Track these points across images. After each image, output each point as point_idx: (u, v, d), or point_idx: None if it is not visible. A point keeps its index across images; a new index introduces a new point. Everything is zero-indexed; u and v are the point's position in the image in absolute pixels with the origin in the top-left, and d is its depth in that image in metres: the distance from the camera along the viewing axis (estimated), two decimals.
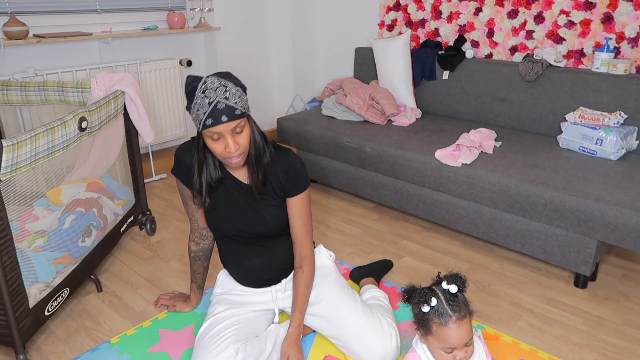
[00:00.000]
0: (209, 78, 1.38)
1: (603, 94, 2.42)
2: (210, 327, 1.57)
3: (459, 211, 2.35)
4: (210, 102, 1.35)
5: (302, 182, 1.57)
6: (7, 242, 1.46)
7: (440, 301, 1.22)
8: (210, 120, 1.35)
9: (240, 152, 1.41)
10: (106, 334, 1.79)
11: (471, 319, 1.25)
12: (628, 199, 1.86)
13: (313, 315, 1.65)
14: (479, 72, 2.84)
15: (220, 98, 1.35)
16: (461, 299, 1.23)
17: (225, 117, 1.35)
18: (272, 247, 1.64)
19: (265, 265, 1.65)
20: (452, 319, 1.20)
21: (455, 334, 1.21)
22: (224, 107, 1.35)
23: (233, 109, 1.36)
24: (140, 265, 2.24)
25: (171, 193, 3.04)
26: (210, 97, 1.35)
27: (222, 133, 1.37)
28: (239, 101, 1.38)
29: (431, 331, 1.24)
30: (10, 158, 1.40)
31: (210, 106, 1.35)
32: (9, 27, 2.50)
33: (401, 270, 2.20)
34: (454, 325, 1.20)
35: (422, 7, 3.19)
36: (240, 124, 1.39)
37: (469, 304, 1.26)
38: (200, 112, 1.36)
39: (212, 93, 1.35)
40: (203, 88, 1.36)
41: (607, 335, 1.79)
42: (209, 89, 1.36)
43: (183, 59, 3.33)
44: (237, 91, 1.39)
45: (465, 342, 1.22)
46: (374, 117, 2.85)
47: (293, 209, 1.58)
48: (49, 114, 2.68)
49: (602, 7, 2.50)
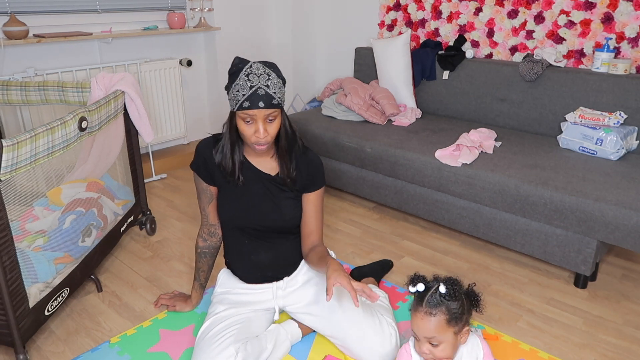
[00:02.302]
0: (255, 63, 1.44)
1: (603, 94, 2.42)
2: (210, 326, 1.57)
3: (459, 211, 2.35)
4: (251, 85, 1.41)
5: (320, 179, 1.64)
6: (7, 242, 1.46)
7: (424, 291, 1.27)
8: (247, 103, 1.41)
9: (267, 140, 1.47)
10: (106, 334, 1.79)
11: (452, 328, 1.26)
12: (628, 199, 1.86)
13: (313, 314, 1.65)
14: (479, 72, 2.84)
15: (262, 84, 1.41)
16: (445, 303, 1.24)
17: (262, 103, 1.41)
18: (281, 244, 1.67)
19: (271, 262, 1.67)
20: (421, 309, 1.26)
21: (417, 322, 1.27)
22: (264, 94, 1.41)
23: (271, 97, 1.42)
24: (140, 265, 2.24)
25: (171, 193, 3.04)
26: (252, 82, 1.41)
27: (255, 117, 1.43)
28: (278, 92, 1.44)
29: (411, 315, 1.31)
30: (10, 158, 1.40)
31: (251, 90, 1.40)
32: (9, 27, 2.50)
33: (401, 270, 2.20)
34: (418, 314, 1.27)
35: (422, 7, 3.19)
36: (274, 113, 1.45)
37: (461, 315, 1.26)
38: (240, 94, 1.41)
39: (255, 78, 1.41)
40: (247, 72, 1.42)
41: (607, 335, 1.79)
42: (253, 74, 1.42)
43: (183, 59, 3.33)
44: (278, 82, 1.45)
45: (426, 336, 1.26)
46: (374, 117, 2.85)
47: (309, 204, 1.64)
48: (49, 113, 2.68)
49: (602, 7, 2.50)
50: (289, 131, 1.56)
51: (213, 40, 3.50)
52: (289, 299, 1.70)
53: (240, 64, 1.45)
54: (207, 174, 1.61)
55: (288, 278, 1.71)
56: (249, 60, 1.46)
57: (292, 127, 1.57)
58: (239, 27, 3.61)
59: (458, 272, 2.18)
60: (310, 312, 1.65)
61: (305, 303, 1.68)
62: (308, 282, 1.71)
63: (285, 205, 1.61)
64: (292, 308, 1.70)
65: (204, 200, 1.67)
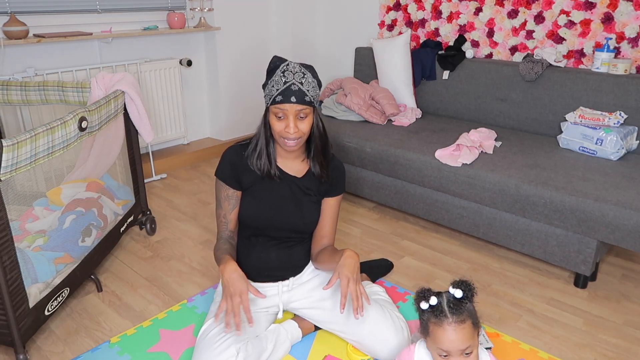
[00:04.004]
0: (292, 63, 1.50)
1: (603, 94, 2.42)
2: (211, 326, 1.57)
3: (459, 211, 2.35)
4: (286, 81, 1.45)
5: (342, 185, 1.70)
6: (7, 241, 1.46)
7: (441, 302, 1.20)
8: (280, 97, 1.45)
9: (298, 136, 1.50)
10: (106, 334, 1.79)
11: (477, 330, 1.21)
12: (628, 199, 1.86)
13: (324, 309, 1.66)
14: (479, 72, 2.84)
15: (296, 81, 1.46)
16: (465, 306, 1.19)
17: (294, 98, 1.45)
18: (293, 246, 1.69)
19: (281, 262, 1.68)
20: (448, 320, 1.17)
21: (449, 336, 1.17)
22: (297, 90, 1.46)
23: (304, 94, 1.46)
24: (140, 265, 2.24)
25: (171, 193, 3.05)
26: (287, 78, 1.46)
27: (287, 112, 1.47)
28: (312, 90, 1.48)
29: (429, 332, 1.22)
30: (10, 158, 1.40)
31: (285, 85, 1.45)
32: (9, 26, 2.50)
33: (401, 270, 2.20)
34: (448, 327, 1.17)
35: (422, 7, 3.19)
36: (306, 110, 1.48)
37: (477, 315, 1.22)
38: (274, 89, 1.46)
39: (291, 75, 1.46)
40: (284, 69, 1.48)
41: (607, 335, 1.79)
42: (289, 71, 1.47)
43: (183, 59, 3.33)
44: (313, 82, 1.49)
45: (461, 348, 1.17)
46: (374, 117, 2.85)
47: (328, 208, 1.69)
48: (49, 113, 2.68)
49: (602, 7, 2.50)
50: (322, 132, 1.60)
51: (213, 40, 3.50)
52: (294, 295, 1.71)
53: (278, 62, 1.50)
54: (234, 178, 1.61)
55: (294, 278, 1.72)
56: (287, 59, 1.51)
57: (325, 129, 1.62)
58: (239, 27, 3.61)
59: (458, 272, 2.18)
60: (322, 307, 1.66)
61: (315, 299, 1.68)
62: (315, 278, 1.73)
63: (307, 209, 1.64)
64: (298, 304, 1.71)
65: (226, 207, 1.64)
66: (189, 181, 3.23)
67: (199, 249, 2.37)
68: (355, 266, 1.48)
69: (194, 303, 1.96)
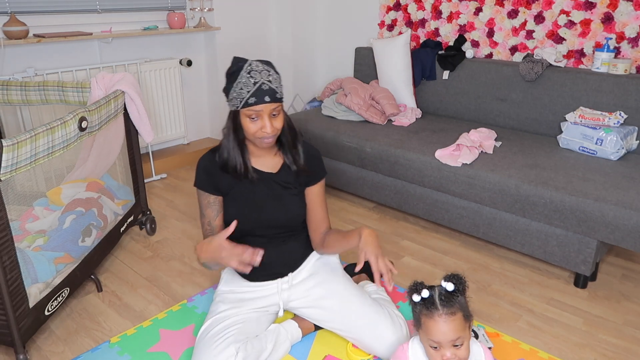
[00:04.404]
0: (253, 62, 1.47)
1: (603, 94, 2.42)
2: (211, 326, 1.57)
3: (459, 211, 2.35)
4: (255, 82, 1.43)
5: (321, 170, 1.69)
6: (7, 242, 1.46)
7: (433, 294, 1.23)
8: (253, 99, 1.44)
9: (274, 133, 1.50)
10: (106, 334, 1.79)
11: (468, 323, 1.24)
12: (628, 199, 1.86)
13: (323, 309, 1.66)
14: (479, 72, 2.84)
15: (265, 80, 1.45)
16: (457, 299, 1.22)
17: (268, 98, 1.44)
18: (285, 241, 1.69)
19: (277, 259, 1.68)
20: (439, 312, 1.20)
21: (440, 327, 1.20)
22: (268, 89, 1.45)
23: (275, 92, 1.46)
24: (140, 265, 2.24)
25: (171, 193, 3.05)
26: (255, 78, 1.44)
27: (261, 113, 1.46)
28: (279, 86, 1.48)
29: (421, 324, 1.25)
30: (10, 158, 1.40)
31: (255, 86, 1.43)
32: (9, 27, 2.50)
33: (401, 270, 2.20)
34: (439, 319, 1.20)
35: (422, 7, 3.19)
36: (278, 107, 1.48)
37: (468, 308, 1.25)
38: (244, 91, 1.44)
39: (258, 75, 1.45)
40: (249, 69, 1.45)
41: (607, 335, 1.79)
42: (255, 71, 1.45)
43: (183, 59, 3.33)
44: (278, 77, 1.49)
45: (451, 340, 1.20)
46: (374, 117, 2.85)
47: (314, 196, 1.69)
48: (49, 113, 2.68)
49: (602, 7, 2.50)
50: (291, 125, 1.62)
51: (213, 40, 3.50)
52: (294, 293, 1.71)
53: (240, 63, 1.47)
54: (212, 185, 1.61)
55: (292, 274, 1.72)
56: (247, 59, 1.48)
57: (291, 121, 1.64)
58: (239, 27, 3.61)
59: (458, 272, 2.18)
60: (322, 306, 1.66)
61: (313, 298, 1.68)
62: (313, 276, 1.72)
63: (289, 203, 1.64)
64: (297, 303, 1.71)
65: (210, 214, 1.64)
66: (189, 181, 3.23)
67: None
68: (377, 243, 1.50)
69: (194, 303, 1.96)
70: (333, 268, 1.75)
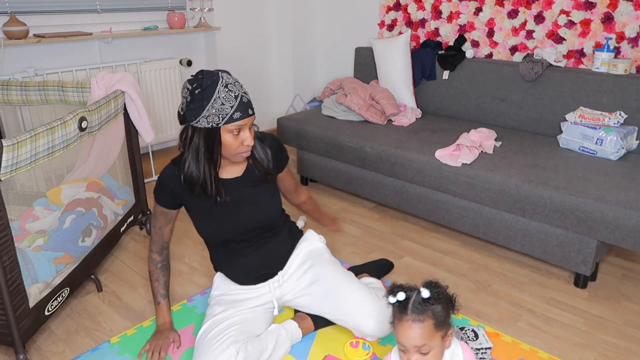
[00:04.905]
0: (222, 73, 1.40)
1: (603, 94, 2.42)
2: (210, 328, 1.57)
3: (459, 211, 2.35)
4: (236, 95, 1.38)
5: (283, 158, 1.68)
6: (7, 242, 1.47)
7: (408, 298, 1.22)
8: (238, 114, 1.38)
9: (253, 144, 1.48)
10: (106, 334, 1.79)
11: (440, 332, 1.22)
12: (628, 199, 1.86)
13: (310, 294, 1.67)
14: (479, 72, 2.84)
15: (241, 92, 1.41)
16: (430, 307, 1.20)
17: (251, 110, 1.42)
18: (267, 241, 1.68)
19: (262, 261, 1.67)
20: (407, 317, 1.20)
21: (405, 331, 1.21)
22: (247, 101, 1.42)
23: (251, 103, 1.43)
24: (140, 265, 2.24)
25: None
26: (234, 92, 1.39)
27: (244, 127, 1.42)
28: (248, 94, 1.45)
29: (394, 327, 1.26)
30: (10, 158, 1.40)
31: (237, 100, 1.38)
32: (9, 27, 2.50)
33: (401, 270, 2.20)
34: (406, 324, 1.20)
35: (422, 7, 3.19)
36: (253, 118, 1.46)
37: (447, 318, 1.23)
38: (226, 106, 1.37)
39: (234, 87, 1.39)
40: (225, 82, 1.38)
41: (607, 335, 1.79)
42: (231, 84, 1.39)
43: (183, 59, 3.33)
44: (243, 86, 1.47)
45: (416, 346, 1.20)
46: (374, 117, 2.85)
47: (284, 180, 1.74)
48: (49, 113, 2.68)
49: (602, 7, 2.50)
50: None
51: (213, 40, 3.50)
52: (286, 287, 1.72)
53: (214, 77, 1.37)
54: (174, 201, 1.59)
55: (282, 272, 1.72)
56: (215, 71, 1.40)
57: None
58: (239, 27, 3.61)
59: (458, 272, 2.19)
60: (309, 292, 1.67)
61: (303, 286, 1.69)
62: (302, 265, 1.72)
63: (263, 201, 1.62)
64: (289, 296, 1.72)
65: (162, 221, 1.63)
66: None
67: (199, 249, 2.37)
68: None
69: (194, 303, 1.96)
70: (320, 254, 1.75)
